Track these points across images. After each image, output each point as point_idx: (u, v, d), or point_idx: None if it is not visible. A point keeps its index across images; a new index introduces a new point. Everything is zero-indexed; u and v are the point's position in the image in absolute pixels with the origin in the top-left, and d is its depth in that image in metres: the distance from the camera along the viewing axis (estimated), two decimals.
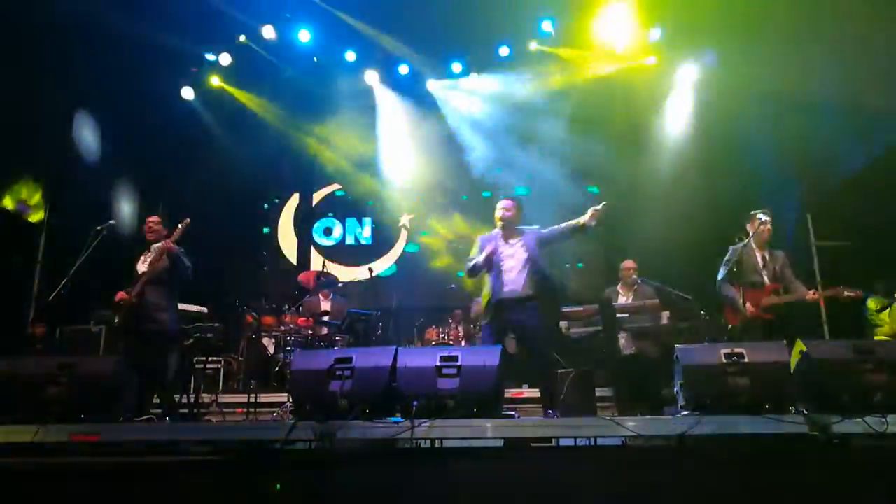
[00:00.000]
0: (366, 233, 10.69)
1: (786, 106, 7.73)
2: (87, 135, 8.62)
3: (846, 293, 5.24)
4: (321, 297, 7.54)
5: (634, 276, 6.48)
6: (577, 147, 10.05)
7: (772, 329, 5.11)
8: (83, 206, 8.49)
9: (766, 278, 5.31)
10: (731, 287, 5.38)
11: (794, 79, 7.55)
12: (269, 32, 8.76)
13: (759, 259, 5.37)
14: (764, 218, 5.39)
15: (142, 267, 5.25)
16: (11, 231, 8.00)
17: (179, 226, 5.26)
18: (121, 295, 5.15)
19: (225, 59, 9.08)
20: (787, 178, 7.85)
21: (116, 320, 5.22)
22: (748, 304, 5.24)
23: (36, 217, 8.41)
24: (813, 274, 7.44)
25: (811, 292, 5.20)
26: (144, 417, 4.72)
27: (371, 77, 9.69)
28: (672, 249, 7.86)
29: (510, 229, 4.92)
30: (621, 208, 9.79)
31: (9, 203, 8.13)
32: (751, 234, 5.38)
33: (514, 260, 4.81)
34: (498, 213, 4.96)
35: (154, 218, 5.42)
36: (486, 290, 4.84)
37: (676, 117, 9.23)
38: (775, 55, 7.79)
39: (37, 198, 8.43)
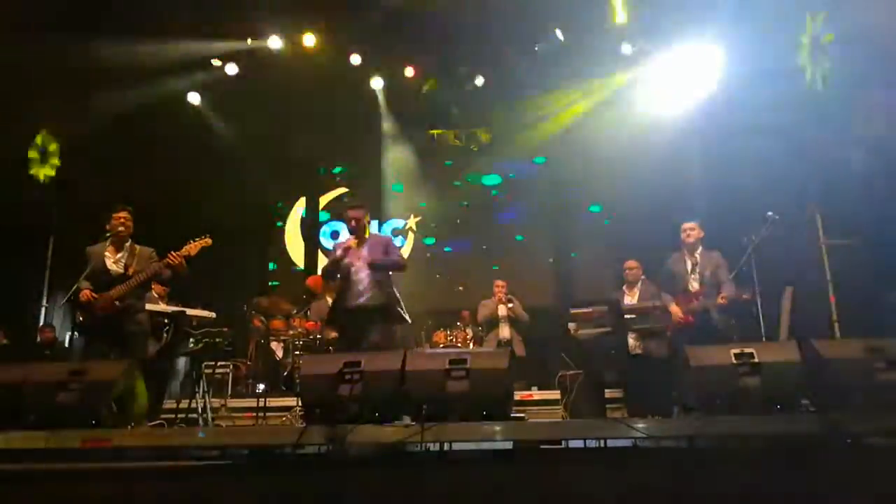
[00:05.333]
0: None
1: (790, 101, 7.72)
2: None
3: (744, 296, 5.41)
4: (328, 300, 7.54)
5: (636, 275, 6.47)
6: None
7: (703, 333, 5.27)
8: (91, 210, 8.57)
9: (695, 284, 5.52)
10: (666, 297, 5.70)
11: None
12: (275, 42, 8.78)
13: (689, 265, 5.60)
14: (684, 225, 5.67)
15: (115, 268, 4.94)
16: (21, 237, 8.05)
17: (194, 242, 5.00)
18: (88, 296, 4.80)
19: (231, 68, 9.09)
20: (797, 176, 7.80)
21: (82, 319, 4.88)
22: (679, 310, 5.52)
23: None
24: (823, 272, 7.38)
25: (721, 297, 5.35)
26: (155, 422, 4.75)
27: (377, 82, 9.71)
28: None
29: None
30: (626, 208, 9.85)
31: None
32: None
33: None
34: None
35: (124, 213, 5.05)
36: None
37: (682, 116, 9.19)
38: (780, 49, 7.78)
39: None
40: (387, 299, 4.95)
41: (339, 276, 5.04)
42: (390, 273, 5.11)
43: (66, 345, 7.44)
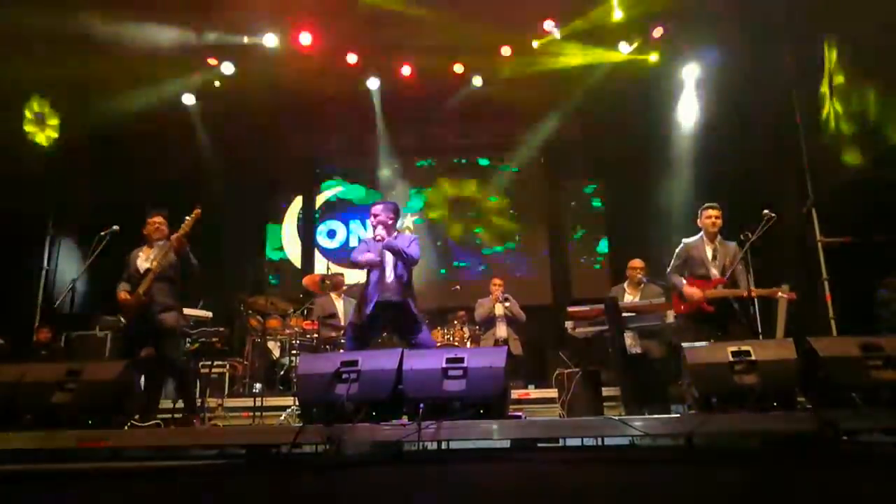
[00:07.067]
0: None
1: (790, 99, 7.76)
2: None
3: (780, 294, 5.31)
4: (333, 297, 7.51)
5: (640, 276, 6.47)
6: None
7: (715, 321, 5.18)
8: (87, 210, 8.55)
9: (714, 271, 5.36)
10: (678, 278, 5.49)
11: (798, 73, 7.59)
12: (271, 41, 8.75)
13: (709, 252, 5.44)
14: (710, 211, 5.47)
15: (145, 265, 5.08)
16: (16, 237, 8.02)
17: (188, 217, 5.12)
18: (124, 296, 4.99)
19: (227, 67, 9.07)
20: (792, 174, 7.83)
21: (124, 321, 5.07)
22: (693, 292, 5.30)
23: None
24: (819, 271, 7.41)
25: (750, 289, 5.19)
26: (151, 423, 4.73)
27: (373, 82, 9.68)
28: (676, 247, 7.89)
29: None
30: (627, 206, 9.87)
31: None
32: (700, 227, 5.50)
33: None
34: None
35: (159, 217, 5.23)
36: None
37: (681, 115, 9.22)
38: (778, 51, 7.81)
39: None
40: (407, 297, 5.08)
41: (367, 269, 5.21)
42: (411, 269, 5.26)
43: (63, 343, 7.42)
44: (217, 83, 9.30)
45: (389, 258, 5.12)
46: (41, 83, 8.06)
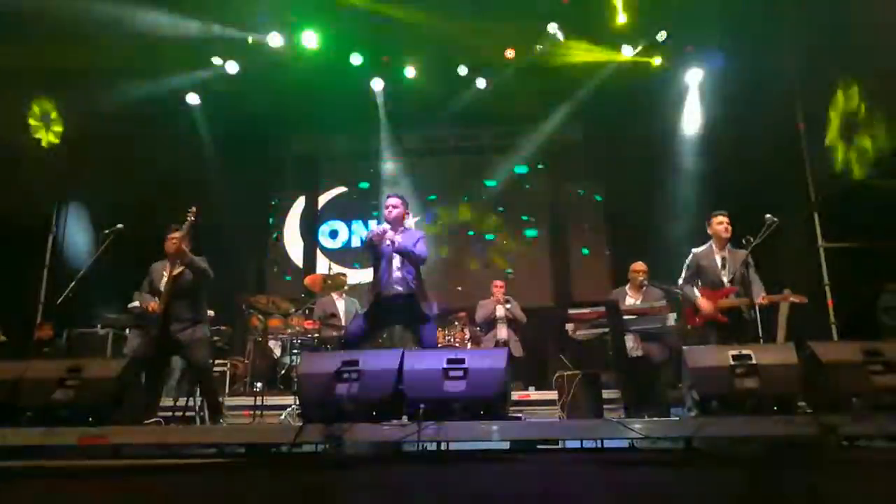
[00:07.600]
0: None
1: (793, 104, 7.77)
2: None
3: (791, 298, 5.28)
4: (334, 297, 7.52)
5: (642, 279, 6.46)
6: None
7: (729, 331, 5.15)
8: (90, 209, 8.57)
9: (725, 279, 5.33)
10: (690, 288, 5.47)
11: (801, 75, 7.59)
12: (275, 40, 8.76)
13: (719, 260, 5.40)
14: (721, 218, 5.44)
15: (164, 283, 5.10)
16: (19, 234, 8.04)
17: (185, 224, 5.09)
18: (153, 306, 5.04)
19: (232, 66, 9.07)
20: (794, 179, 7.83)
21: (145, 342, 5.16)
22: (706, 306, 5.28)
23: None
24: (821, 275, 7.40)
25: (761, 296, 5.16)
26: (152, 420, 4.75)
27: (377, 83, 9.70)
28: (679, 251, 7.87)
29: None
30: (629, 210, 9.86)
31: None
32: (710, 235, 5.46)
33: None
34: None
35: (178, 233, 5.11)
36: None
37: (683, 118, 9.22)
38: (781, 52, 7.81)
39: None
40: (416, 291, 5.05)
41: (374, 259, 5.15)
42: (419, 266, 5.20)
43: (65, 341, 7.43)
44: (221, 82, 9.31)
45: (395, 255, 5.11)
46: (45, 79, 8.07)
